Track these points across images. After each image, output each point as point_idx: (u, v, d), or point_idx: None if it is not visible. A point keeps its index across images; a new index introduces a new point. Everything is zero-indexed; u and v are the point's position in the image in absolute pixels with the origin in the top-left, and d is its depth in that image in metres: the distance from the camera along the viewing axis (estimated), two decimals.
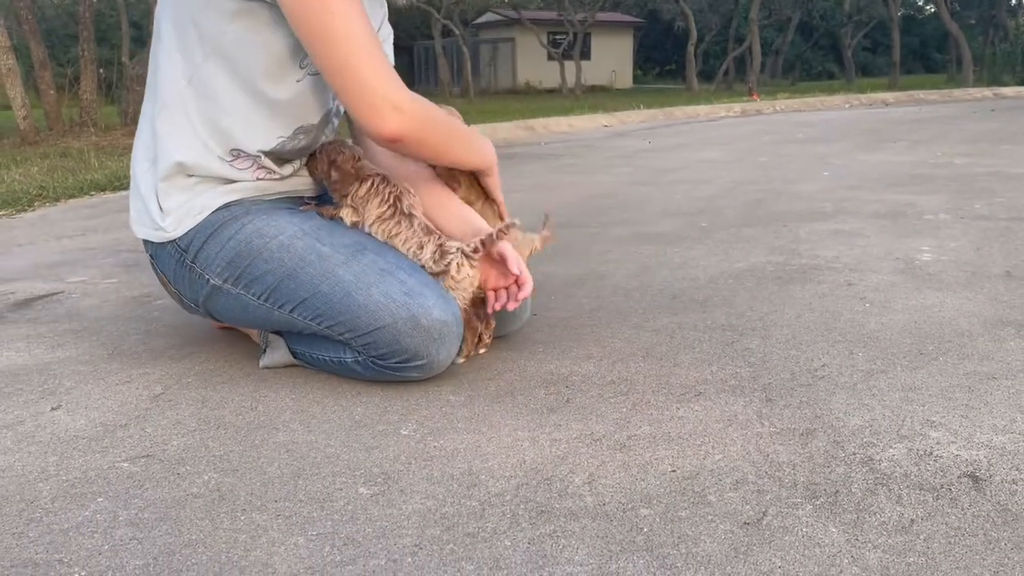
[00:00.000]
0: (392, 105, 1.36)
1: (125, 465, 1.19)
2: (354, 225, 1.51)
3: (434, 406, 1.38)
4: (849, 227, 2.78)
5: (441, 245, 1.46)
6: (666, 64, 33.12)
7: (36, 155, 6.23)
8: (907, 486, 1.08)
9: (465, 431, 1.28)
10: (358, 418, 1.34)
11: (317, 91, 1.50)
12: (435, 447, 1.22)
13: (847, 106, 11.58)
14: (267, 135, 1.48)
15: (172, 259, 1.54)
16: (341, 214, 1.53)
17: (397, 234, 1.47)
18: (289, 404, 1.40)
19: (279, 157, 1.52)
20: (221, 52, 1.41)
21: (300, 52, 1.42)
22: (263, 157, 1.50)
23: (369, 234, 1.50)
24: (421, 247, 1.46)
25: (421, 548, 0.97)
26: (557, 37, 23.33)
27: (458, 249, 1.45)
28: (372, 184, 1.50)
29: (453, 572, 0.92)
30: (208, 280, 1.50)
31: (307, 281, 1.43)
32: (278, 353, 1.56)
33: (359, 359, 1.44)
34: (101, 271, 2.42)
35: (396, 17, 20.48)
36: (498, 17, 25.44)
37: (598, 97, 16.20)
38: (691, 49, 20.00)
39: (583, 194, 3.75)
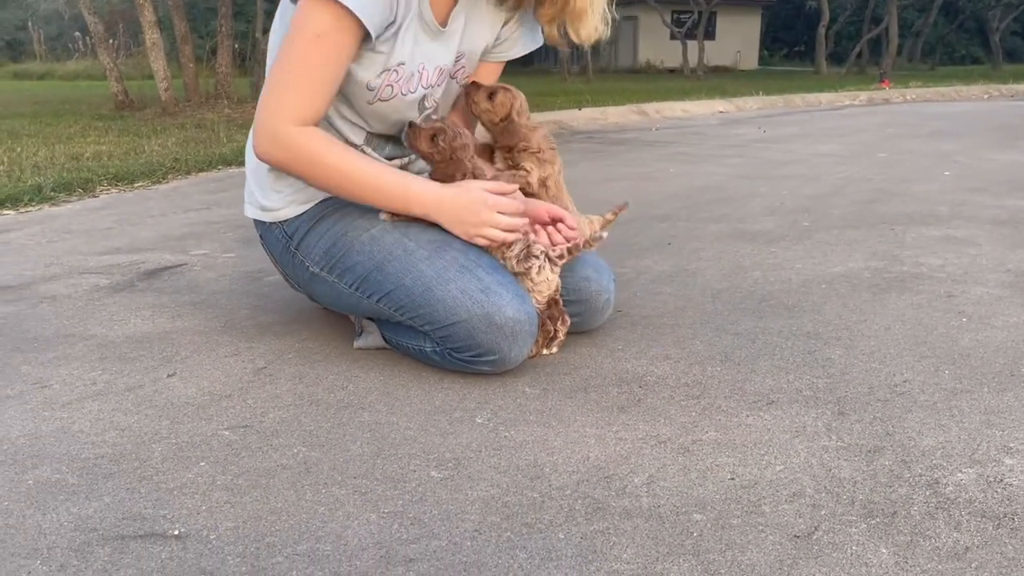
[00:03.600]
0: (269, 132, 1.45)
1: (226, 433, 1.31)
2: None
3: (509, 397, 1.45)
4: (962, 233, 2.68)
5: (528, 247, 1.52)
6: (795, 45, 31.94)
7: (174, 126, 6.65)
8: (969, 512, 1.08)
9: (536, 423, 1.34)
10: (438, 404, 1.42)
11: (389, 113, 1.58)
12: (505, 437, 1.29)
13: (985, 97, 10.91)
14: (353, 136, 1.60)
15: (279, 243, 1.67)
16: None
17: None
18: (377, 385, 1.50)
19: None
20: None
21: (368, 89, 1.52)
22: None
23: None
24: (508, 245, 1.53)
25: (480, 533, 1.04)
26: (681, 16, 22.84)
27: (543, 252, 1.51)
28: (464, 177, 1.57)
29: (507, 559, 0.99)
30: (308, 267, 1.61)
31: (392, 273, 1.52)
32: (372, 337, 1.67)
33: (437, 349, 1.53)
34: (222, 245, 2.60)
35: None
36: None
37: (720, 79, 15.83)
38: (822, 30, 19.22)
39: (687, 186, 3.73)
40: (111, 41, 17.23)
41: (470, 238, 1.51)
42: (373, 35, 1.43)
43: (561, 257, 1.52)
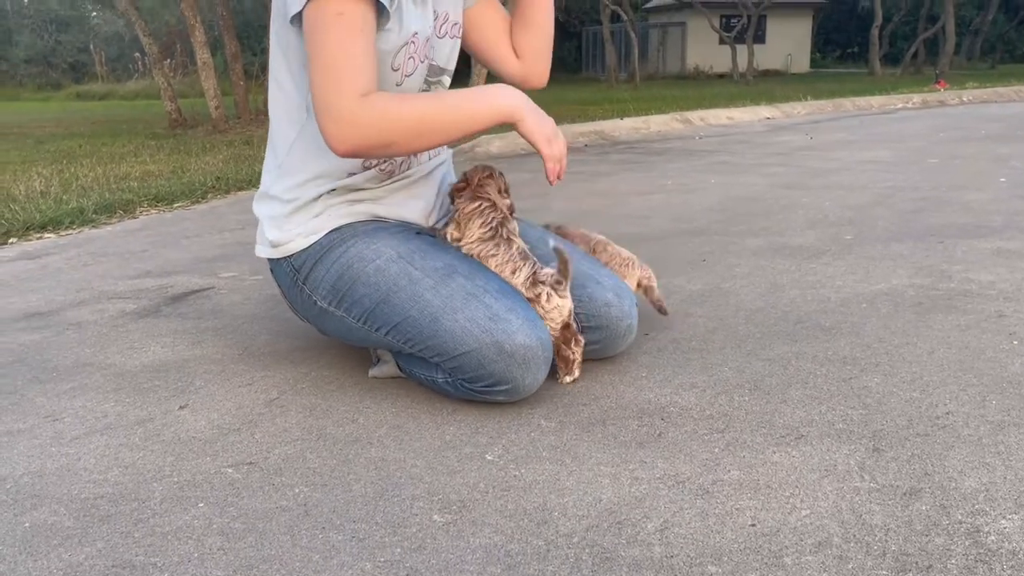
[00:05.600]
0: (337, 119, 1.36)
1: (229, 471, 1.28)
2: (455, 242, 1.55)
3: (523, 430, 1.39)
4: (1016, 246, 2.54)
5: (535, 273, 1.47)
6: (848, 47, 31.30)
7: (223, 143, 6.76)
8: (1012, 565, 0.99)
9: (548, 460, 1.28)
10: (448, 438, 1.37)
11: (414, 88, 1.55)
12: (515, 476, 1.24)
13: None
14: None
15: (287, 277, 1.63)
16: (446, 230, 1.57)
17: (493, 255, 1.50)
18: (388, 418, 1.46)
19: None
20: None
21: (393, 70, 1.49)
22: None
23: (465, 255, 1.53)
24: (515, 272, 1.48)
25: None
26: (730, 20, 22.56)
27: (550, 278, 1.46)
28: (480, 206, 1.53)
29: None
30: (316, 302, 1.58)
31: (399, 305, 1.47)
32: (387, 367, 1.63)
33: (449, 380, 1.48)
34: (251, 267, 2.60)
35: (565, 2, 20.51)
36: (669, 1, 24.92)
37: (770, 83, 15.56)
38: (875, 31, 18.77)
39: (726, 197, 3.63)
40: (168, 61, 17.72)
41: (546, 142, 1.48)
42: (389, 7, 1.39)
43: (559, 283, 1.47)
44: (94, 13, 28.23)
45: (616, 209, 3.45)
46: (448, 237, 1.57)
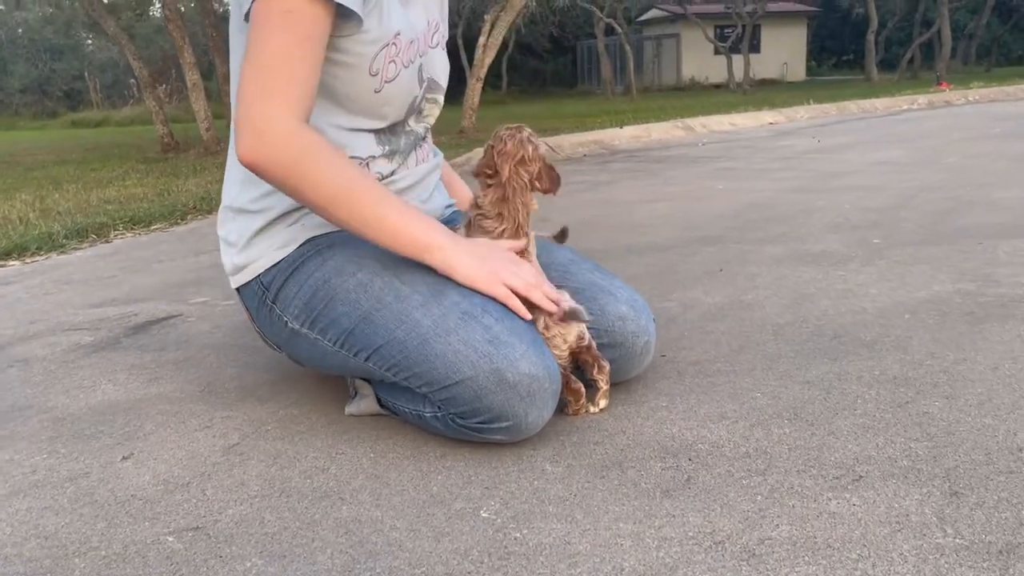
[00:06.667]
0: (253, 126, 1.16)
1: (170, 540, 1.05)
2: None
3: (525, 478, 1.16)
4: None
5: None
6: (843, 54, 31.20)
7: (214, 165, 6.57)
8: None
9: (556, 517, 1.05)
10: (435, 490, 1.14)
11: (398, 93, 1.37)
12: (516, 539, 1.01)
13: None
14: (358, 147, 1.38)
15: (255, 296, 1.42)
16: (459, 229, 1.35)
17: None
18: (364, 465, 1.23)
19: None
20: None
21: (372, 75, 1.31)
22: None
23: None
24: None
25: None
26: (725, 30, 22.46)
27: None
28: (501, 227, 1.32)
29: None
30: (287, 323, 1.36)
31: (382, 325, 1.25)
32: (365, 402, 1.40)
33: (438, 415, 1.25)
34: (223, 291, 2.38)
35: (559, 17, 20.41)
36: (662, 13, 24.84)
37: (767, 92, 15.41)
38: (871, 37, 18.61)
39: (737, 203, 3.41)
40: (163, 86, 17.63)
41: (494, 281, 1.24)
42: (353, 8, 1.20)
43: (564, 316, 1.26)
44: (89, 40, 28.21)
45: (620, 218, 3.23)
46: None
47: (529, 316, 1.24)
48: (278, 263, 1.38)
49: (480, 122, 8.31)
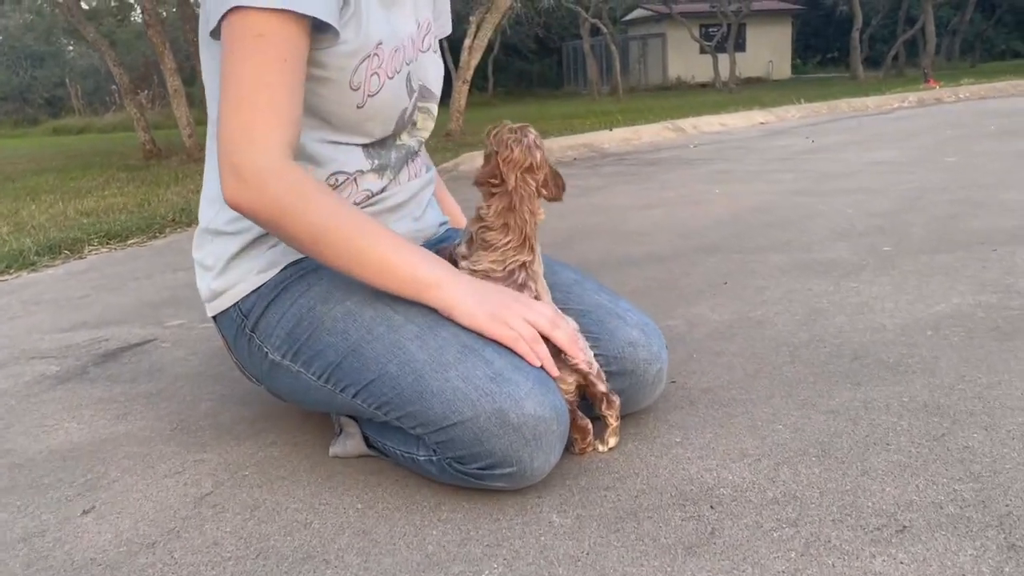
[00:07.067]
0: (234, 169, 1.07)
1: None
2: (461, 259, 1.21)
3: (530, 533, 1.04)
4: None
5: None
6: (828, 52, 31.22)
7: (196, 172, 6.43)
8: None
9: None
10: (430, 549, 1.02)
11: (382, 108, 1.26)
12: None
13: None
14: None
15: (232, 324, 1.30)
16: (457, 248, 1.23)
17: None
18: (351, 519, 1.11)
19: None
20: None
21: (353, 90, 1.20)
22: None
23: None
24: None
25: None
26: (710, 29, 22.44)
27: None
28: (508, 240, 1.20)
29: None
30: (267, 354, 1.24)
31: (372, 358, 1.13)
32: (351, 442, 1.28)
33: (433, 459, 1.13)
34: (200, 313, 2.23)
35: (544, 19, 20.34)
36: (647, 13, 24.81)
37: (754, 90, 15.36)
38: (855, 34, 18.59)
39: (735, 208, 3.30)
40: (145, 92, 17.42)
41: (498, 324, 1.12)
42: (328, 21, 1.10)
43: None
44: (70, 47, 27.93)
45: (615, 226, 3.12)
46: (454, 252, 1.23)
47: (538, 363, 1.12)
48: (258, 288, 1.26)
49: (467, 125, 8.19)
